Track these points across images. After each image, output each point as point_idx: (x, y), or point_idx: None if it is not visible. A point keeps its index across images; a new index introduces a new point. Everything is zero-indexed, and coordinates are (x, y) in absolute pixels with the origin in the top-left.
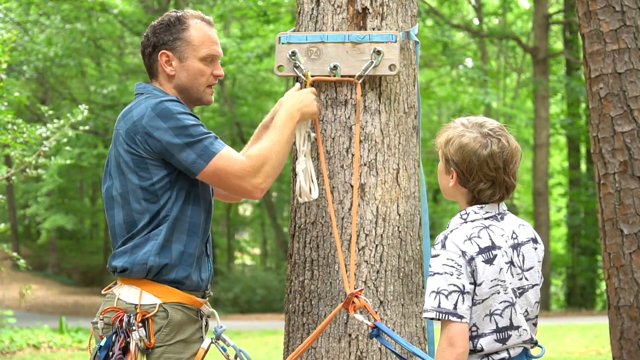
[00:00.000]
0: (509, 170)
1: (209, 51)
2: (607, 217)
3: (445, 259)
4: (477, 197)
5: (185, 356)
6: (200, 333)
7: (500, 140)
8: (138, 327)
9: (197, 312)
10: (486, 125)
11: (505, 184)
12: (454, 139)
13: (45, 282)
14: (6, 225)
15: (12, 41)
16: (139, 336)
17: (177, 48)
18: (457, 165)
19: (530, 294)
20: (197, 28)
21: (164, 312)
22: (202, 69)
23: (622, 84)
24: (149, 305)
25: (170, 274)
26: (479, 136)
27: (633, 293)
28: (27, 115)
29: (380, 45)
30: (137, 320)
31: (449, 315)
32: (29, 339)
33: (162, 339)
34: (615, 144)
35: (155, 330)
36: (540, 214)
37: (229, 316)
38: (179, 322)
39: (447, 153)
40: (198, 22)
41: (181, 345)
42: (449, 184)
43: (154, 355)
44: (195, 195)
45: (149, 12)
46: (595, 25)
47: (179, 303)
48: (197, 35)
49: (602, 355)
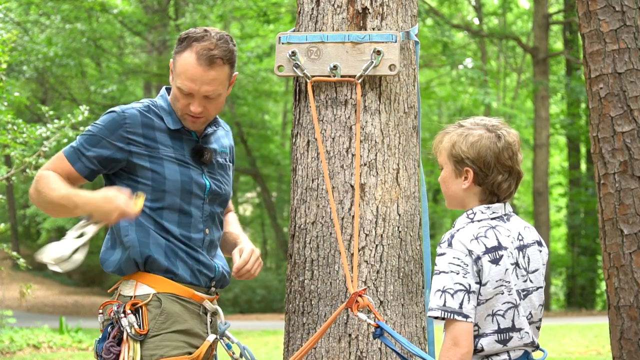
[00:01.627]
0: (518, 159)
1: (181, 85)
2: (607, 217)
3: (452, 257)
4: (495, 192)
5: (184, 345)
6: (205, 328)
7: (507, 131)
8: (127, 314)
9: (200, 307)
10: (485, 121)
11: (517, 174)
12: (462, 138)
13: (45, 282)
14: (6, 225)
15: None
16: (127, 322)
17: (174, 63)
18: (474, 162)
19: (534, 296)
20: (186, 57)
21: (157, 301)
22: (177, 96)
23: (622, 84)
24: (142, 295)
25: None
26: (485, 132)
27: (633, 293)
28: (27, 115)
29: (380, 45)
30: (126, 308)
31: (454, 315)
32: (29, 339)
33: (159, 327)
34: (615, 144)
35: (150, 319)
36: (540, 214)
37: (229, 316)
38: (176, 312)
39: (458, 154)
40: (192, 53)
41: (181, 335)
42: (461, 187)
43: (151, 343)
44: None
45: (149, 12)
46: (595, 25)
47: (173, 294)
48: (180, 64)
49: (602, 355)
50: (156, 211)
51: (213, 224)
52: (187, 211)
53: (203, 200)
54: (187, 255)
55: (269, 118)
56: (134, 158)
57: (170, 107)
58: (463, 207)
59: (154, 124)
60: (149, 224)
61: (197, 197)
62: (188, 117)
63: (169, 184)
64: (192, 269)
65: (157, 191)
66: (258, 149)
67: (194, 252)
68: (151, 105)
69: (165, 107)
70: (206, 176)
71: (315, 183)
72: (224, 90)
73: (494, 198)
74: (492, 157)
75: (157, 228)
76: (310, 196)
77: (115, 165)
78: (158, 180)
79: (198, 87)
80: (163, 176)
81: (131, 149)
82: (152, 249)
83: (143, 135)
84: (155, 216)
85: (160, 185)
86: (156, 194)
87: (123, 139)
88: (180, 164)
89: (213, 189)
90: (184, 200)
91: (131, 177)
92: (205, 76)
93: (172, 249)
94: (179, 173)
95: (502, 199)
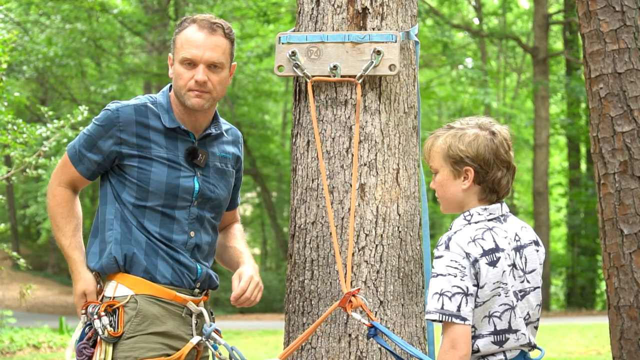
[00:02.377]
0: (512, 154)
1: (186, 54)
2: (607, 217)
3: (449, 260)
4: (495, 189)
5: (161, 347)
6: (188, 330)
7: (499, 127)
8: (100, 316)
9: (183, 309)
10: (474, 120)
11: (513, 169)
12: (457, 139)
13: (45, 282)
14: (6, 225)
15: (12, 41)
16: (100, 324)
17: (173, 51)
18: (474, 160)
19: (531, 296)
20: (188, 30)
21: (134, 302)
22: (179, 72)
23: (622, 84)
24: (121, 297)
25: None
26: (479, 130)
27: (633, 293)
28: (27, 115)
29: (380, 45)
30: (101, 309)
31: (452, 318)
32: (29, 339)
33: (134, 329)
34: (615, 144)
35: (125, 320)
36: (540, 214)
37: (229, 316)
38: (154, 314)
39: (457, 154)
40: (191, 25)
41: (159, 337)
42: (460, 188)
43: (125, 346)
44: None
45: (149, 12)
46: (595, 25)
47: (152, 295)
48: (181, 39)
49: (602, 355)
50: (139, 209)
51: (201, 227)
52: (170, 213)
53: (190, 203)
54: (167, 255)
55: (269, 118)
56: (125, 159)
57: (169, 105)
58: (460, 210)
59: (149, 122)
60: (132, 220)
61: (183, 200)
62: (192, 94)
63: (154, 185)
64: (174, 268)
65: (142, 191)
66: (258, 149)
67: (175, 252)
68: (149, 103)
69: (164, 104)
70: (198, 179)
71: (315, 183)
72: (226, 63)
73: (494, 196)
74: (490, 154)
75: (138, 225)
76: (310, 196)
77: (110, 164)
78: (144, 180)
79: (202, 52)
80: (149, 177)
81: (122, 149)
82: (134, 244)
83: (136, 135)
84: (137, 214)
85: (145, 185)
86: (141, 193)
87: (115, 139)
88: (171, 165)
89: (203, 192)
90: (167, 202)
91: (121, 173)
92: (207, 41)
93: (153, 248)
94: (166, 175)
95: (501, 196)
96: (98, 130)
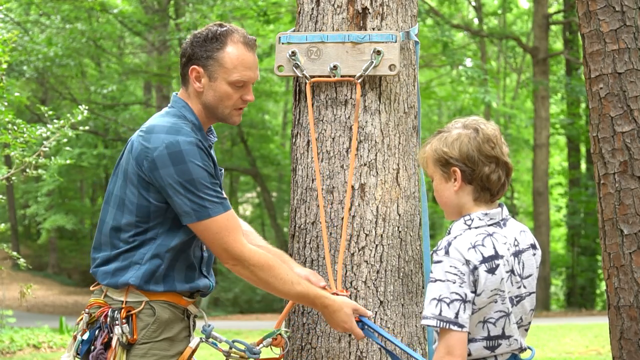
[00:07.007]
0: (503, 150)
1: (240, 77)
2: (607, 217)
3: (449, 266)
4: (486, 187)
5: (171, 354)
6: (187, 332)
7: (485, 124)
8: (122, 323)
9: (184, 311)
10: (461, 121)
11: (505, 165)
12: (441, 141)
13: (45, 282)
14: (6, 225)
15: (12, 41)
16: (121, 331)
17: (208, 66)
18: (458, 160)
19: (526, 301)
20: (234, 50)
21: (150, 309)
22: (229, 93)
23: (622, 84)
24: (134, 302)
25: (151, 287)
26: (463, 129)
27: (633, 293)
28: (27, 115)
29: (380, 45)
30: (122, 315)
31: (450, 325)
32: (29, 339)
33: (149, 335)
34: (615, 144)
35: (141, 327)
36: (540, 214)
37: (229, 316)
38: (167, 320)
39: (441, 156)
40: (236, 43)
41: (167, 343)
42: (453, 191)
43: (139, 351)
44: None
45: (149, 12)
46: (595, 25)
47: (165, 301)
48: (231, 58)
49: (602, 355)
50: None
51: None
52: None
53: None
54: (186, 270)
55: (269, 118)
56: None
57: (199, 121)
58: (460, 214)
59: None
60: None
61: None
62: (238, 112)
63: None
64: (190, 287)
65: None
66: (258, 149)
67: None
68: (193, 132)
69: (196, 123)
70: None
71: (315, 183)
72: None
73: (487, 193)
74: (474, 150)
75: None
76: (310, 196)
77: None
78: None
79: (254, 73)
80: None
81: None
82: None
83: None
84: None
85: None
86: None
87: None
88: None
89: None
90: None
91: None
92: (255, 62)
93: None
94: None
95: (495, 193)
96: (203, 160)
